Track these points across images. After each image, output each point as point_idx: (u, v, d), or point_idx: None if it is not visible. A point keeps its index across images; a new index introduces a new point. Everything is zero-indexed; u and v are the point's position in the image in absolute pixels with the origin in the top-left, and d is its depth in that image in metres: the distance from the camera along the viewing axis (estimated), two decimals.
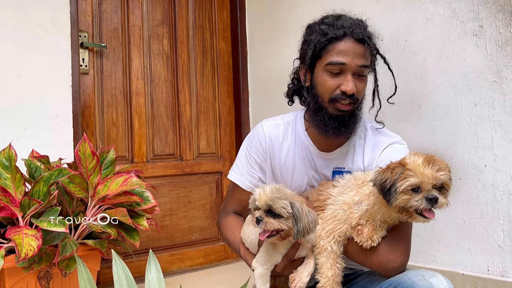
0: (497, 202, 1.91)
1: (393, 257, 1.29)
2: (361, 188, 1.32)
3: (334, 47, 1.40)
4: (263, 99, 3.06)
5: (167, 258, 2.78)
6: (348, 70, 1.40)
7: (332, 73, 1.41)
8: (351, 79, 1.39)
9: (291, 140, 1.59)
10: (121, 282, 0.94)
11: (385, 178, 1.20)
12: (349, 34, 1.39)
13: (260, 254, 1.36)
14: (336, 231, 1.30)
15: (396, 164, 1.21)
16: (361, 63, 1.40)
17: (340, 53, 1.39)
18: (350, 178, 1.40)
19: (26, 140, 2.14)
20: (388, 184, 1.18)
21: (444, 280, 1.22)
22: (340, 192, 1.36)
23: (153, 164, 2.78)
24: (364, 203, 1.29)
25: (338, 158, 1.54)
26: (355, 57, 1.39)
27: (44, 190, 1.66)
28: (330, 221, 1.32)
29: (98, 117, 2.60)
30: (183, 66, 2.95)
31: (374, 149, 1.53)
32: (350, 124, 1.45)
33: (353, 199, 1.31)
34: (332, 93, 1.42)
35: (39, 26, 2.24)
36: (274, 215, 1.25)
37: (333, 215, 1.32)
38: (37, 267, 1.63)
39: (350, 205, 1.30)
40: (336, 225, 1.31)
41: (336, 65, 1.39)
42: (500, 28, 1.88)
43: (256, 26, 3.14)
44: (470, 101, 1.99)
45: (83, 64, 2.52)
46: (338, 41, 1.39)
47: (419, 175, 1.16)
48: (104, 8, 2.65)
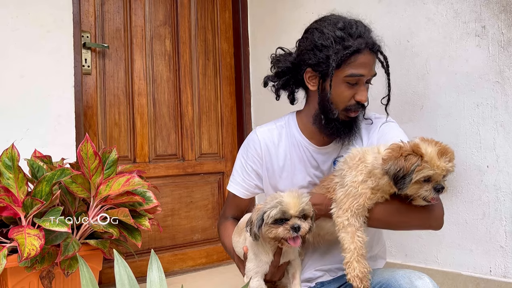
0: (500, 202, 1.90)
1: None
2: (359, 166, 1.32)
3: (356, 59, 1.40)
4: (265, 100, 3.06)
5: (169, 258, 2.78)
6: (363, 81, 1.43)
7: (350, 84, 1.43)
8: (365, 89, 1.44)
9: (286, 143, 1.60)
10: (123, 282, 0.94)
11: (399, 167, 1.19)
12: (369, 46, 1.41)
13: (249, 265, 1.37)
14: (354, 206, 1.29)
15: (409, 151, 1.21)
16: (374, 72, 1.45)
17: (361, 66, 1.40)
18: (344, 160, 1.39)
19: (28, 140, 2.15)
20: (401, 173, 1.19)
21: (430, 282, 1.23)
22: (341, 175, 1.36)
23: (155, 164, 2.78)
24: (369, 181, 1.30)
25: (337, 149, 1.57)
26: (371, 69, 1.43)
27: (46, 190, 1.67)
28: (345, 199, 1.31)
29: (100, 117, 2.60)
30: (185, 67, 2.96)
31: (369, 131, 1.56)
32: (355, 126, 1.50)
33: (357, 178, 1.31)
34: (348, 103, 1.44)
35: (41, 27, 2.25)
36: (303, 218, 1.26)
37: (346, 193, 1.31)
38: (39, 267, 1.63)
39: (359, 182, 1.30)
40: (352, 201, 1.30)
41: (356, 77, 1.41)
42: (503, 29, 1.88)
43: (258, 27, 3.14)
44: (472, 102, 1.98)
45: (85, 64, 2.53)
46: (359, 53, 1.40)
47: (434, 167, 1.18)
48: (107, 8, 2.66)
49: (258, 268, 1.35)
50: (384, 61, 1.48)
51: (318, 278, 1.57)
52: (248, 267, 1.36)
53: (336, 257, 1.56)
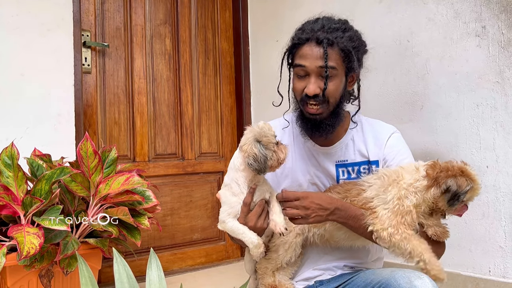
0: (499, 203, 1.90)
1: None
2: (399, 184, 1.36)
3: (298, 51, 1.48)
4: (265, 99, 3.05)
5: (168, 257, 2.78)
6: (311, 73, 1.45)
7: (299, 76, 1.48)
8: (314, 81, 1.44)
9: (288, 141, 1.62)
10: (122, 280, 0.94)
11: (459, 185, 1.30)
12: (312, 38, 1.44)
13: (222, 209, 1.40)
14: (403, 223, 1.33)
15: (459, 172, 1.32)
16: (321, 64, 1.42)
17: (302, 57, 1.46)
18: (380, 177, 1.41)
19: (28, 138, 2.15)
20: (457, 192, 1.30)
21: (429, 282, 1.23)
22: (380, 192, 1.38)
23: (155, 163, 2.78)
24: (413, 198, 1.34)
25: (339, 151, 1.58)
26: (316, 59, 1.43)
27: (46, 188, 1.67)
28: (392, 216, 1.34)
29: (100, 116, 2.60)
30: (185, 66, 2.96)
31: (376, 140, 1.58)
32: (325, 125, 1.50)
33: (401, 193, 1.34)
34: (300, 95, 1.49)
35: (42, 25, 2.25)
36: None
37: (394, 211, 1.34)
38: (38, 265, 1.63)
39: (403, 199, 1.34)
40: (400, 218, 1.33)
41: (299, 67, 1.47)
42: (503, 29, 1.88)
43: (258, 26, 3.14)
44: (472, 102, 1.98)
45: (85, 63, 2.53)
46: (301, 45, 1.47)
47: (478, 190, 1.33)
48: (107, 7, 2.66)
49: (230, 209, 1.37)
50: (348, 56, 1.46)
51: (316, 277, 1.57)
52: (221, 211, 1.40)
53: (335, 255, 1.57)
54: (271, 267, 1.52)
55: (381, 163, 1.56)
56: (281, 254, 1.49)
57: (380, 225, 1.33)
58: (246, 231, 1.35)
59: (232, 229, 1.37)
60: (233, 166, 1.40)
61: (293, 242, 1.49)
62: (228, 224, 1.37)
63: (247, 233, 1.35)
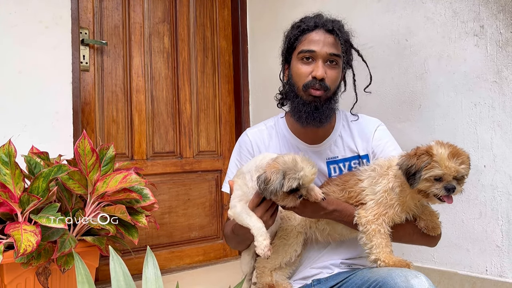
0: (496, 202, 1.91)
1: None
2: (388, 174, 1.40)
3: (306, 37, 1.51)
4: (263, 98, 3.05)
5: (166, 256, 2.78)
6: (319, 58, 1.49)
7: (304, 60, 1.51)
8: (322, 65, 1.49)
9: (276, 142, 1.63)
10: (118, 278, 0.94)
11: (411, 164, 1.30)
12: (321, 26, 1.50)
13: (234, 194, 1.40)
14: (384, 215, 1.37)
15: (423, 151, 1.31)
16: (331, 51, 1.49)
17: (311, 42, 1.50)
18: (374, 167, 1.45)
19: (26, 136, 2.14)
20: (413, 169, 1.29)
21: (426, 281, 1.23)
22: (372, 183, 1.42)
23: (153, 162, 2.78)
24: (397, 188, 1.37)
25: (328, 149, 1.60)
26: (325, 46, 1.49)
27: (43, 186, 1.67)
28: (376, 207, 1.38)
29: (98, 114, 2.60)
30: (183, 64, 2.95)
31: (363, 135, 1.62)
32: (323, 109, 1.52)
33: (389, 186, 1.38)
34: (305, 79, 1.50)
35: (40, 23, 2.24)
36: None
37: (378, 202, 1.38)
38: (35, 263, 1.63)
39: (389, 192, 1.38)
40: (382, 210, 1.38)
41: (307, 52, 1.49)
42: (501, 29, 1.88)
43: (257, 25, 3.14)
44: (470, 101, 1.98)
45: (83, 61, 2.52)
46: (310, 31, 1.51)
47: (443, 167, 1.26)
48: (105, 5, 2.65)
49: (242, 195, 1.37)
50: (343, 40, 1.52)
51: (314, 275, 1.57)
52: (232, 197, 1.40)
53: (332, 254, 1.57)
54: (270, 267, 1.52)
55: (370, 157, 1.60)
56: (281, 254, 1.50)
57: (364, 212, 1.39)
58: (254, 217, 1.31)
59: (241, 213, 1.33)
60: (258, 162, 1.36)
61: (293, 242, 1.50)
62: (238, 208, 1.35)
63: (254, 218, 1.30)
